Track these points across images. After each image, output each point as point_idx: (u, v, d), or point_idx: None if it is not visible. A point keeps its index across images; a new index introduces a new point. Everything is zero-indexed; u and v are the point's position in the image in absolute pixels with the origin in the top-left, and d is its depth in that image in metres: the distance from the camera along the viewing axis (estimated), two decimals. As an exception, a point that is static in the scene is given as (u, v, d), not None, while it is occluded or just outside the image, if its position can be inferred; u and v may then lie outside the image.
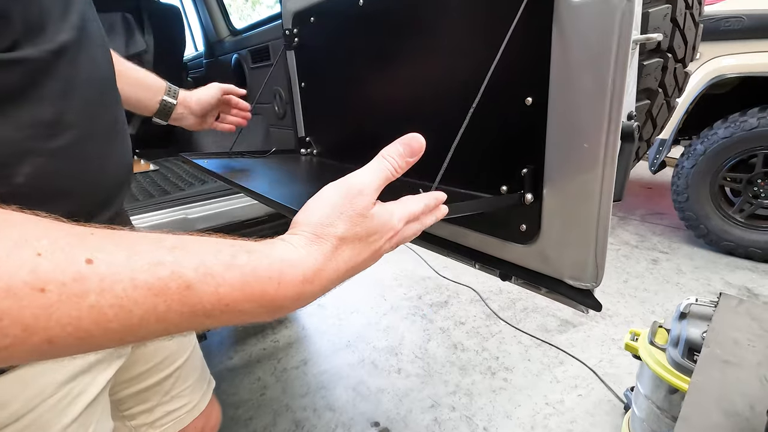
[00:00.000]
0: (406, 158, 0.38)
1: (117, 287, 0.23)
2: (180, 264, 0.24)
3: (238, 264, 0.26)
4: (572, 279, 0.61)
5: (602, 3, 0.48)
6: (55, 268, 0.22)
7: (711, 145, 2.35)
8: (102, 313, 0.22)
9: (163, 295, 0.24)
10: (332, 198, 0.32)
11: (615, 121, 0.50)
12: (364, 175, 0.34)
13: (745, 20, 2.19)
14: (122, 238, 0.25)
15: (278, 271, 0.27)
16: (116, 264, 0.23)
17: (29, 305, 0.21)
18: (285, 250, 0.28)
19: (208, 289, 0.25)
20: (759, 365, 0.52)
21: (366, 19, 0.88)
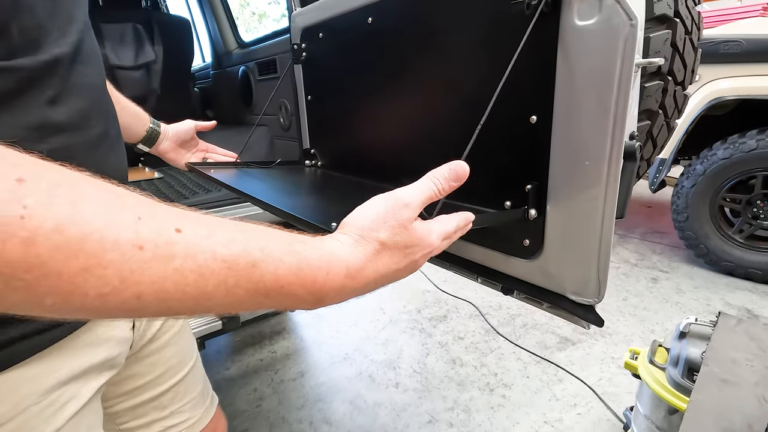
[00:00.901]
0: (450, 182, 0.41)
1: (199, 256, 0.26)
2: (249, 243, 0.28)
3: (295, 250, 0.30)
4: (574, 294, 0.62)
5: (606, 27, 0.49)
6: (151, 230, 0.25)
7: (710, 165, 2.37)
8: (183, 276, 0.25)
9: (234, 269, 0.27)
10: (379, 207, 0.36)
11: (618, 141, 0.51)
12: (411, 191, 0.37)
13: (744, 44, 2.23)
14: (204, 217, 0.28)
15: (327, 262, 0.31)
16: (199, 236, 0.26)
17: (130, 259, 0.24)
18: (333, 245, 0.32)
19: (269, 269, 0.28)
20: (757, 385, 0.52)
21: (374, 37, 0.90)
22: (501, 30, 0.63)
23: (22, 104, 0.39)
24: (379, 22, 0.88)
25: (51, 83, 0.41)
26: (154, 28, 2.06)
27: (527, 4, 0.55)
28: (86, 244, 0.23)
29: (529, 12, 0.55)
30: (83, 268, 0.23)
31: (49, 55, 0.41)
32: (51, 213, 0.22)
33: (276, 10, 11.28)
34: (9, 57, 0.37)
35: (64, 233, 0.22)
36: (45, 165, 0.24)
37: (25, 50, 0.38)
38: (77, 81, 0.45)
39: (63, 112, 0.43)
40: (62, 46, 0.43)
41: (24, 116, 0.39)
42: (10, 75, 0.37)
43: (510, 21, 0.59)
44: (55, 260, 0.22)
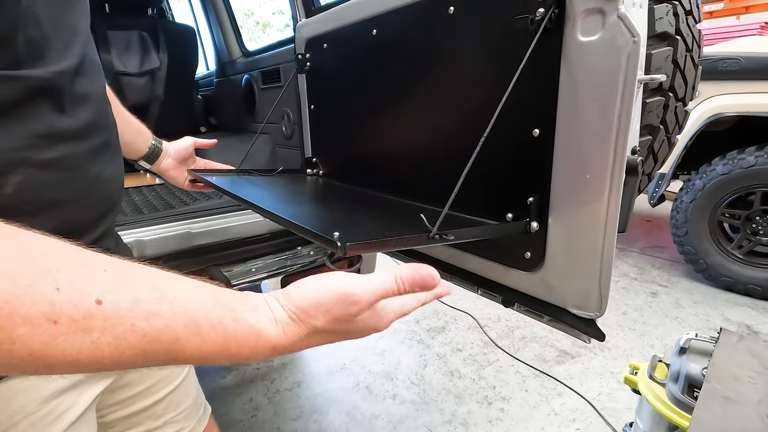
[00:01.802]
0: (415, 287, 0.38)
1: (117, 329, 0.25)
2: (174, 319, 0.27)
3: (222, 328, 0.29)
4: (576, 308, 0.62)
5: (610, 43, 0.50)
6: (69, 302, 0.24)
7: (709, 181, 2.38)
8: (99, 350, 0.25)
9: (154, 343, 0.26)
10: (326, 296, 0.33)
11: (620, 155, 0.51)
12: (366, 287, 0.35)
13: (742, 62, 2.26)
14: (129, 280, 0.27)
15: (255, 340, 0.31)
16: (121, 308, 0.25)
17: (41, 334, 0.23)
18: (265, 323, 0.31)
19: (193, 344, 0.28)
20: (760, 403, 0.52)
21: (378, 49, 0.91)
22: (505, 44, 0.63)
23: (30, 113, 0.39)
24: (383, 34, 0.89)
25: (57, 93, 0.42)
26: (160, 36, 2.08)
27: (531, 19, 0.56)
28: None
29: (533, 27, 0.56)
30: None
31: (57, 67, 0.41)
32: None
33: (280, 20, 11.41)
34: (15, 67, 0.37)
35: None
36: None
37: (31, 61, 0.39)
38: (81, 91, 0.45)
39: (68, 122, 0.43)
40: (68, 58, 0.43)
41: (32, 125, 0.40)
42: (19, 84, 0.38)
43: (514, 35, 0.60)
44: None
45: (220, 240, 1.27)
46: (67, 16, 0.44)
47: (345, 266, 1.34)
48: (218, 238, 1.26)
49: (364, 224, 0.72)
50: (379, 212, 0.83)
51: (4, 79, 0.37)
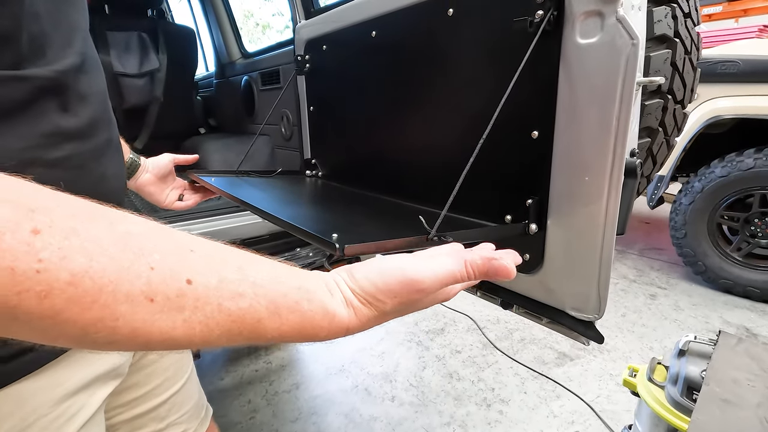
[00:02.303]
0: (483, 276, 0.36)
1: (207, 308, 0.26)
2: (257, 300, 0.28)
3: (300, 309, 0.30)
4: (574, 310, 0.61)
5: (609, 46, 0.50)
6: (163, 281, 0.25)
7: (708, 183, 2.39)
8: (190, 327, 0.26)
9: (239, 323, 0.28)
10: (393, 281, 0.33)
11: (619, 157, 0.51)
12: (434, 273, 0.34)
13: (740, 64, 2.26)
14: (215, 262, 0.28)
15: (329, 322, 0.31)
16: (209, 287, 0.27)
17: (141, 311, 0.24)
18: (339, 306, 0.32)
19: (274, 325, 0.29)
20: (759, 406, 0.52)
21: (377, 51, 0.91)
22: (504, 46, 0.63)
23: (36, 113, 0.39)
24: (383, 36, 0.89)
25: (61, 92, 0.42)
26: (159, 37, 2.08)
27: (530, 21, 0.56)
28: (100, 297, 0.23)
29: (531, 29, 0.56)
30: (96, 318, 0.23)
31: (61, 65, 0.41)
32: (66, 266, 0.22)
33: (280, 22, 11.43)
34: (17, 66, 0.37)
35: (79, 286, 0.22)
36: (60, 206, 0.24)
37: (33, 59, 0.38)
38: (84, 89, 0.45)
39: (73, 121, 0.43)
40: (71, 56, 0.43)
41: (38, 124, 0.40)
42: (26, 84, 0.38)
43: (513, 38, 0.60)
44: (69, 311, 0.22)
45: (220, 241, 1.26)
46: (65, 12, 0.44)
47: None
48: (218, 239, 1.26)
49: (363, 226, 0.72)
50: (378, 214, 0.83)
51: (13, 79, 0.37)
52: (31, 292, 0.21)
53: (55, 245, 0.22)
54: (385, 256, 0.36)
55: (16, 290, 0.21)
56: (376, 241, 0.50)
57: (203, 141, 2.12)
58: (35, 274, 0.21)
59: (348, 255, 0.47)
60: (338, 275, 0.34)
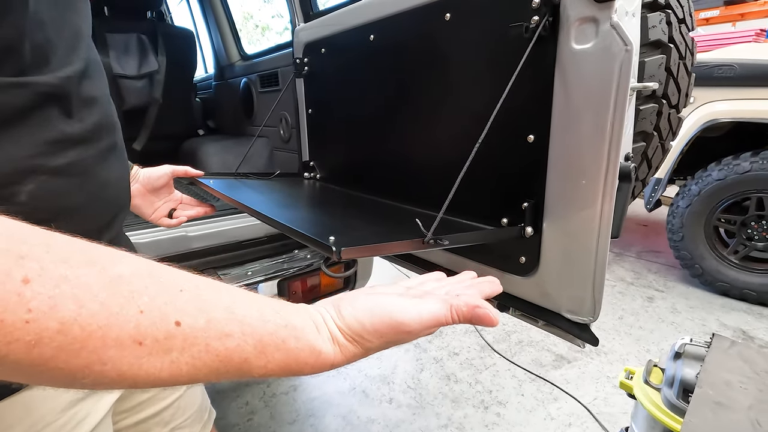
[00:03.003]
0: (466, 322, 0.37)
1: (194, 349, 0.27)
2: (245, 339, 0.28)
3: (286, 348, 0.30)
4: (570, 313, 0.62)
5: (603, 51, 0.51)
6: (152, 325, 0.25)
7: (705, 186, 2.40)
8: (178, 368, 0.26)
9: (226, 362, 0.28)
10: (380, 323, 0.34)
11: (613, 162, 0.52)
12: (420, 317, 0.35)
13: (737, 68, 2.28)
14: (204, 301, 0.28)
15: (314, 359, 0.32)
16: (197, 328, 0.27)
17: (128, 355, 0.24)
18: (324, 343, 0.32)
19: (260, 363, 0.29)
20: (750, 408, 0.52)
21: (375, 54, 0.92)
22: (500, 51, 0.64)
23: (40, 120, 0.39)
24: (380, 39, 0.89)
25: (65, 98, 0.42)
26: (159, 39, 2.08)
27: (526, 27, 0.57)
28: (88, 343, 0.23)
29: (527, 35, 0.56)
30: (84, 364, 0.23)
31: (64, 72, 0.41)
32: (55, 314, 0.22)
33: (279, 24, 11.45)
34: (21, 74, 0.37)
35: (68, 334, 0.22)
36: (50, 251, 0.23)
37: (36, 66, 0.38)
38: (87, 95, 0.45)
39: (77, 126, 0.43)
40: (74, 62, 0.43)
41: (43, 132, 0.39)
42: (28, 91, 0.38)
43: (509, 43, 0.61)
44: (57, 359, 0.22)
45: (216, 243, 1.27)
46: (69, 19, 0.44)
47: (341, 269, 1.34)
48: (215, 242, 1.26)
49: (361, 228, 0.72)
50: (376, 216, 0.84)
51: (14, 86, 0.37)
52: (20, 342, 0.21)
53: (45, 294, 0.22)
54: (373, 292, 0.36)
55: (6, 340, 0.21)
56: (372, 244, 0.50)
57: (202, 143, 2.13)
58: (24, 324, 0.21)
59: (345, 258, 0.47)
60: (326, 311, 0.34)
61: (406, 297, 0.36)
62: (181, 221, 0.86)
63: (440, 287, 0.43)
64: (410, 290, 0.40)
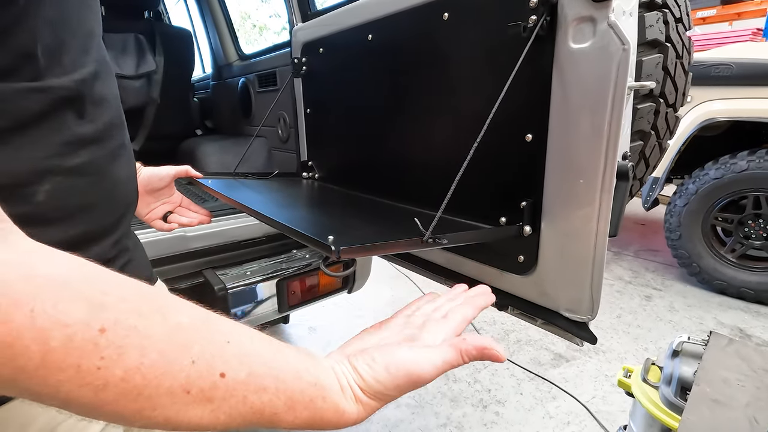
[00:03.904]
0: (476, 359, 0.39)
1: (233, 400, 0.28)
2: (277, 395, 0.30)
3: (313, 406, 0.32)
4: (568, 311, 0.62)
5: (600, 51, 0.51)
6: (200, 377, 0.27)
7: (702, 185, 2.40)
8: (216, 417, 0.28)
9: (258, 415, 0.29)
10: (399, 377, 0.35)
11: (611, 161, 0.52)
12: (433, 365, 0.36)
13: (734, 68, 2.29)
14: (247, 354, 0.30)
15: (338, 418, 0.33)
16: (238, 381, 0.28)
17: (177, 403, 0.26)
18: (349, 404, 0.34)
19: (288, 419, 0.31)
20: (748, 406, 0.53)
21: (373, 54, 0.92)
22: (498, 50, 0.64)
23: (56, 122, 0.40)
24: (378, 39, 0.89)
25: (79, 100, 0.42)
26: (156, 39, 2.08)
27: (524, 26, 0.57)
28: (146, 390, 0.25)
29: (525, 34, 0.57)
30: (138, 409, 0.25)
31: (80, 75, 0.42)
32: (122, 363, 0.24)
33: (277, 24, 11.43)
34: (36, 77, 0.37)
35: (130, 382, 0.24)
36: (124, 300, 0.25)
37: (50, 68, 0.39)
38: (99, 95, 0.46)
39: (90, 127, 0.44)
40: (88, 64, 0.43)
41: (59, 133, 0.40)
42: (46, 96, 0.38)
43: (507, 42, 0.61)
44: (117, 403, 0.24)
45: (215, 243, 1.27)
46: (83, 19, 0.44)
47: (341, 269, 1.34)
48: (213, 242, 1.26)
49: (359, 228, 0.72)
50: (375, 216, 0.84)
51: (35, 90, 0.37)
52: (90, 386, 0.23)
53: (117, 343, 0.24)
54: (382, 344, 0.38)
55: (78, 384, 0.23)
56: (371, 244, 0.51)
57: (200, 143, 2.12)
58: (96, 370, 0.23)
59: (344, 257, 0.47)
60: (348, 372, 0.35)
61: (414, 343, 0.38)
62: (173, 228, 0.84)
63: (437, 309, 0.45)
64: (410, 321, 0.42)
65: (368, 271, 1.54)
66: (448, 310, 0.44)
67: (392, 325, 0.43)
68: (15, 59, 0.36)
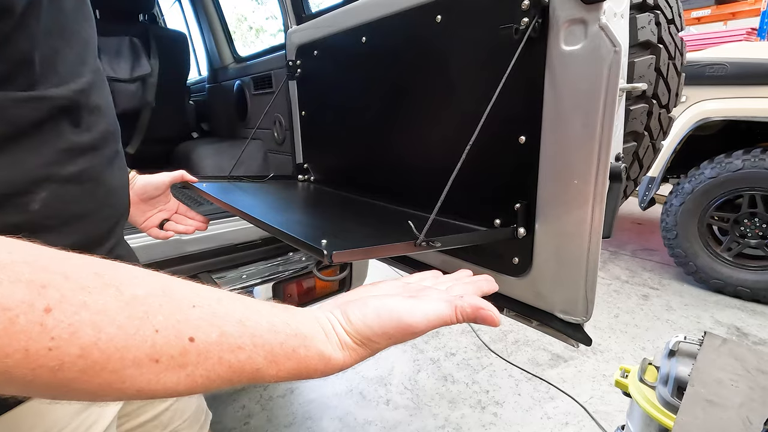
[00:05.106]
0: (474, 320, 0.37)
1: (208, 363, 0.28)
2: (256, 351, 0.30)
3: (296, 357, 0.32)
4: (563, 313, 0.62)
5: (592, 53, 0.51)
6: (167, 343, 0.26)
7: (698, 184, 2.41)
8: (193, 381, 0.28)
9: (239, 373, 0.29)
10: (388, 325, 0.35)
11: (603, 162, 0.52)
12: (425, 317, 0.35)
13: (728, 67, 2.30)
14: (216, 316, 0.29)
15: (324, 365, 0.33)
16: (210, 343, 0.28)
17: (146, 373, 0.26)
18: (334, 350, 0.34)
19: (271, 372, 0.31)
20: (741, 406, 0.53)
21: (367, 56, 0.92)
22: (491, 53, 0.64)
23: (52, 131, 0.40)
24: (372, 41, 0.89)
25: (76, 110, 0.42)
26: (151, 42, 2.07)
27: (515, 29, 0.57)
28: (108, 364, 0.24)
29: (517, 36, 0.57)
30: (105, 383, 0.25)
31: (77, 85, 0.42)
32: (76, 340, 0.23)
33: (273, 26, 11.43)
34: (32, 86, 0.38)
35: (89, 358, 0.24)
36: (69, 277, 0.25)
37: (46, 77, 0.39)
38: (95, 104, 0.46)
39: (86, 136, 0.44)
40: (85, 74, 0.43)
41: (55, 142, 0.40)
42: (43, 105, 0.38)
43: (499, 44, 0.61)
44: (79, 380, 0.24)
45: (211, 246, 1.26)
46: (78, 28, 0.44)
47: (335, 272, 1.34)
48: (209, 245, 1.26)
49: (354, 231, 0.72)
50: (370, 218, 0.84)
51: (32, 99, 0.37)
52: (44, 367, 0.23)
53: (66, 321, 0.23)
54: (377, 294, 0.37)
55: (31, 367, 0.22)
56: (364, 248, 0.50)
57: (196, 146, 2.12)
58: (47, 351, 0.23)
59: (336, 261, 0.47)
60: (333, 315, 0.35)
61: (410, 297, 0.37)
62: (169, 236, 0.83)
63: (438, 283, 0.44)
64: (409, 285, 0.42)
65: (365, 272, 1.54)
66: (449, 286, 0.43)
67: (391, 285, 0.42)
68: (12, 67, 0.36)
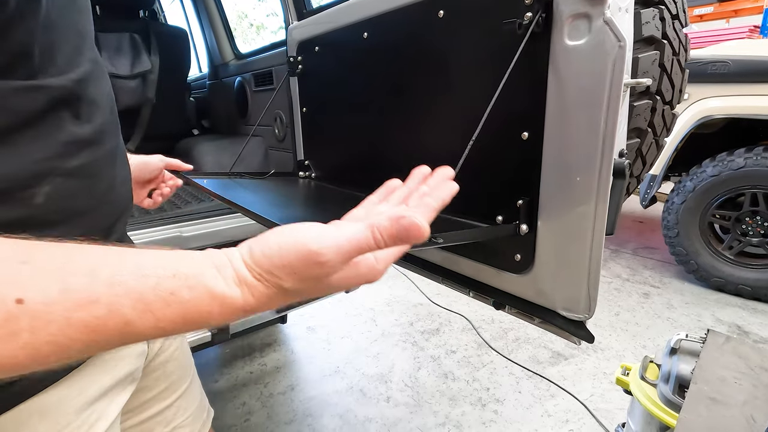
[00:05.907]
0: (395, 239, 0.30)
1: (51, 327, 0.23)
2: (118, 302, 0.25)
3: (177, 300, 0.26)
4: (565, 310, 0.62)
5: (596, 48, 0.50)
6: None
7: (700, 182, 2.41)
8: (37, 350, 0.23)
9: (101, 332, 0.24)
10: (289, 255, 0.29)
11: (607, 158, 0.52)
12: (336, 242, 0.29)
13: (731, 65, 2.29)
14: (55, 270, 0.25)
15: (219, 305, 0.28)
16: (49, 302, 0.23)
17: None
18: (228, 287, 0.28)
19: (148, 324, 0.26)
20: (745, 404, 0.53)
21: (369, 52, 0.91)
22: (494, 48, 0.64)
23: (53, 122, 0.39)
24: (374, 37, 0.89)
25: (75, 100, 0.42)
26: (152, 38, 2.07)
27: (519, 23, 0.56)
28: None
29: (521, 31, 0.56)
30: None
31: (75, 74, 0.41)
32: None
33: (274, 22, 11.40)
34: (32, 76, 0.37)
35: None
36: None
37: (44, 68, 0.38)
38: (93, 96, 0.45)
39: (87, 128, 0.43)
40: (83, 64, 0.43)
41: (58, 133, 0.40)
42: (42, 94, 0.38)
43: (502, 39, 0.60)
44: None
45: (212, 243, 1.26)
46: (75, 20, 0.44)
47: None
48: (210, 241, 1.26)
49: (355, 227, 0.72)
50: (371, 215, 0.83)
51: (31, 89, 0.37)
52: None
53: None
54: (295, 226, 0.31)
55: None
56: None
57: (196, 142, 2.11)
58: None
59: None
60: (237, 250, 0.30)
61: (325, 226, 0.30)
62: (158, 202, 0.83)
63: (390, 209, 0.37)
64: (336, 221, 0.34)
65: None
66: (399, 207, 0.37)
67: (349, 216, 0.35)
68: (11, 59, 0.35)
